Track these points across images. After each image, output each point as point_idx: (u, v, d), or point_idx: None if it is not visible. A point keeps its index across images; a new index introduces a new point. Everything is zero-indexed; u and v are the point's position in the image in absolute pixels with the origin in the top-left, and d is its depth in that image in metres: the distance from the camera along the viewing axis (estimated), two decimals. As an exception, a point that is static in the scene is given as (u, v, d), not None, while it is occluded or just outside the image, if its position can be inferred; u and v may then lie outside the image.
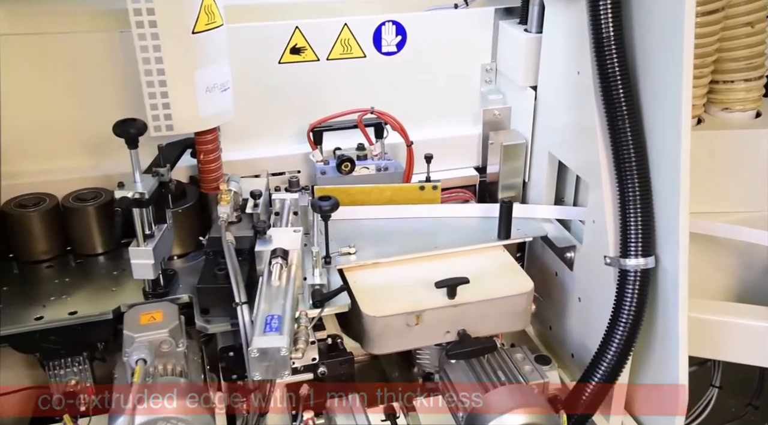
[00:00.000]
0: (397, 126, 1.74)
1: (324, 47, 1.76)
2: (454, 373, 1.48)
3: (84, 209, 1.54)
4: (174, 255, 1.58)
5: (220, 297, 1.34)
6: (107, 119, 1.69)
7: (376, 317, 1.42)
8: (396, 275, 1.57)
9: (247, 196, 1.58)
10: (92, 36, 1.58)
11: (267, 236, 1.41)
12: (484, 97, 1.95)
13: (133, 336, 1.26)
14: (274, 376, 1.18)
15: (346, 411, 1.35)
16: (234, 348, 1.37)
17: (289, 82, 1.76)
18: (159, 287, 1.42)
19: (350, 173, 1.72)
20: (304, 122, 1.79)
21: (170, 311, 1.33)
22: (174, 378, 1.27)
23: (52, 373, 1.41)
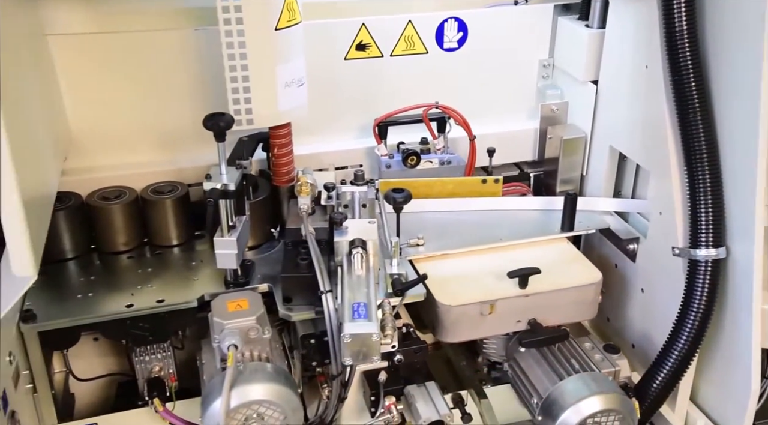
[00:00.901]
0: (460, 120, 1.78)
1: (388, 44, 1.80)
2: (525, 362, 1.51)
3: (162, 202, 1.59)
4: (247, 247, 1.63)
5: (303, 286, 1.38)
6: (179, 115, 1.76)
7: (451, 306, 1.46)
8: (464, 266, 1.61)
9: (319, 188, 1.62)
10: (167, 34, 1.63)
11: (343, 227, 1.45)
12: (540, 93, 1.98)
13: (223, 323, 1.30)
14: (365, 361, 1.22)
15: (425, 397, 1.39)
16: (314, 336, 1.42)
17: (353, 78, 1.80)
18: (240, 277, 1.46)
19: (415, 166, 1.76)
20: (366, 116, 1.84)
21: (255, 299, 1.37)
22: (261, 363, 1.31)
23: (138, 359, 1.47)
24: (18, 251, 1.00)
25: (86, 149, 1.66)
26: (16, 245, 1.00)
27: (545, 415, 1.38)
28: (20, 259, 1.00)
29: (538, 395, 1.42)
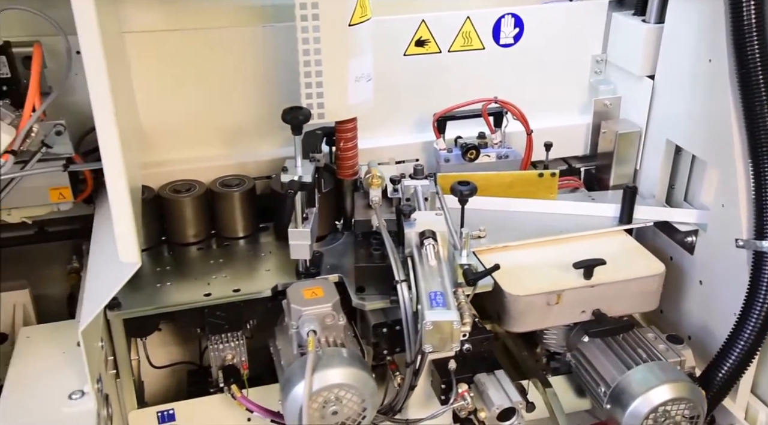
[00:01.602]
0: (518, 114, 1.80)
1: (446, 40, 1.82)
2: (589, 351, 1.54)
3: (230, 195, 1.63)
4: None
5: (376, 276, 1.42)
6: (243, 110, 1.80)
7: (519, 296, 1.48)
8: (526, 257, 1.64)
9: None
10: (236, 31, 1.67)
11: (411, 218, 1.48)
12: (592, 88, 2.00)
13: (301, 310, 1.34)
14: (443, 349, 1.25)
15: (495, 385, 1.41)
16: (386, 325, 1.45)
17: (411, 73, 1.83)
18: (311, 267, 1.50)
19: (474, 160, 1.79)
20: (422, 111, 1.87)
21: (329, 287, 1.41)
22: (338, 348, 1.35)
23: (212, 348, 1.51)
24: (125, 239, 1.04)
25: (155, 143, 1.71)
26: (124, 233, 1.04)
27: (614, 404, 1.41)
28: (127, 247, 1.05)
29: (606, 384, 1.45)
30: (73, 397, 1.18)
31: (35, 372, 1.23)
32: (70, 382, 1.21)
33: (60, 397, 1.17)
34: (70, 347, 1.32)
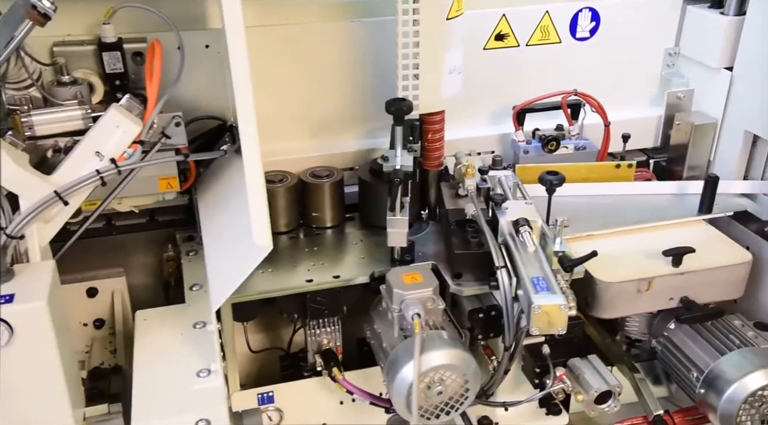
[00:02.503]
0: (597, 107, 1.83)
1: (524, 34, 1.86)
2: (678, 338, 1.56)
3: (321, 185, 1.68)
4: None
5: (474, 263, 1.46)
6: (329, 103, 1.85)
7: (611, 283, 1.52)
8: (611, 246, 1.66)
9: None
10: (325, 26, 1.72)
11: (503, 207, 1.52)
12: (664, 81, 2.03)
13: (403, 294, 1.38)
14: (550, 331, 1.28)
15: (590, 369, 1.45)
16: (482, 310, 1.49)
17: (489, 67, 1.87)
18: (406, 254, 1.55)
19: (554, 151, 1.82)
20: (499, 104, 1.91)
21: (427, 273, 1.45)
22: (439, 331, 1.39)
23: (310, 332, 1.56)
24: (259, 223, 1.09)
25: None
26: (259, 218, 1.09)
27: (709, 389, 1.43)
28: (260, 231, 1.10)
29: (698, 369, 1.47)
30: (201, 375, 1.24)
31: (160, 351, 1.30)
32: (195, 361, 1.27)
33: (189, 375, 1.24)
34: (186, 329, 1.38)
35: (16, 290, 1.12)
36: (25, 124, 1.27)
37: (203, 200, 1.53)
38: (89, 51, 1.48)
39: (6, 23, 1.17)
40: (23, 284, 1.14)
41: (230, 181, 1.48)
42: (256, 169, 1.09)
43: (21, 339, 1.11)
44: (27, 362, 1.14)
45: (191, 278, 1.53)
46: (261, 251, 1.12)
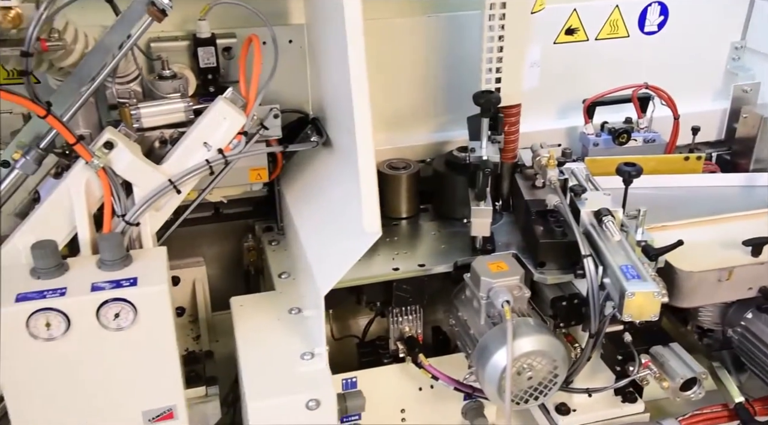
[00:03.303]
0: (668, 100, 1.86)
1: (594, 28, 1.89)
2: (756, 327, 1.58)
3: (398, 177, 1.72)
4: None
5: (558, 251, 1.49)
6: (403, 97, 1.89)
7: (692, 273, 1.54)
8: (686, 237, 1.67)
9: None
10: (401, 21, 1.76)
11: (582, 198, 1.55)
12: (729, 74, 2.04)
13: (491, 282, 1.42)
14: (643, 318, 1.31)
15: (674, 356, 1.48)
16: (564, 298, 1.52)
17: (558, 61, 1.90)
18: (487, 244, 1.58)
19: (625, 143, 1.85)
20: (566, 98, 1.94)
21: (511, 262, 1.48)
22: (526, 318, 1.42)
23: (393, 320, 1.60)
24: (370, 210, 1.14)
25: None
26: (369, 205, 1.13)
27: (792, 376, 1.46)
28: (371, 217, 1.14)
29: (781, 357, 1.50)
30: (305, 358, 1.28)
31: (261, 335, 1.35)
32: (296, 345, 1.32)
33: (293, 358, 1.28)
34: (282, 314, 1.43)
35: (137, 274, 1.17)
36: (133, 116, 1.32)
37: (290, 191, 1.57)
38: (183, 47, 1.53)
39: (124, 21, 1.22)
40: (142, 269, 1.19)
41: (318, 172, 1.52)
42: (369, 160, 1.13)
43: (143, 320, 1.16)
44: (147, 342, 1.19)
45: (278, 266, 1.58)
46: (370, 238, 1.16)
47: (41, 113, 1.16)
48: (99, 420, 1.23)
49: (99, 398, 1.21)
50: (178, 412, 1.26)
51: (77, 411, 1.21)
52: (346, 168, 1.40)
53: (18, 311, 1.09)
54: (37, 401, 1.17)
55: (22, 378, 1.14)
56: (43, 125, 1.28)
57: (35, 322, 1.10)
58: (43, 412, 1.18)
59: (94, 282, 1.15)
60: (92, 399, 1.20)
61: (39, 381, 1.15)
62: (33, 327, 1.11)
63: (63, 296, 1.11)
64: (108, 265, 1.19)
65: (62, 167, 1.32)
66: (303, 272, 1.42)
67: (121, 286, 1.15)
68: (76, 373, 1.17)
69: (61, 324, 1.12)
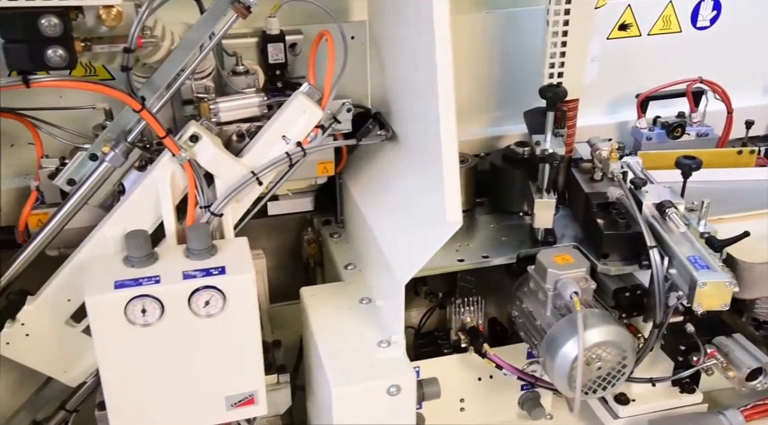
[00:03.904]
0: (722, 94, 1.87)
1: (647, 23, 1.91)
2: (816, 318, 1.60)
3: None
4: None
5: (622, 243, 1.51)
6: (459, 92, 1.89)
7: (755, 264, 1.55)
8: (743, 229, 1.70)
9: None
10: (461, 17, 1.78)
11: (642, 190, 1.57)
12: (778, 68, 2.06)
13: (558, 274, 1.44)
14: (714, 308, 1.33)
15: (738, 347, 1.50)
16: (627, 289, 1.54)
17: (610, 56, 1.91)
18: (549, 236, 1.61)
19: (679, 138, 1.87)
20: (618, 93, 1.96)
21: (576, 254, 1.51)
22: (592, 309, 1.45)
23: (455, 310, 1.63)
24: (452, 201, 1.17)
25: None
26: (452, 196, 1.17)
27: None
28: (453, 207, 1.17)
29: None
30: (382, 345, 1.32)
31: (335, 325, 1.38)
32: (371, 333, 1.35)
33: (370, 345, 1.32)
34: (353, 304, 1.46)
35: (224, 263, 1.21)
36: (212, 110, 1.36)
37: (355, 185, 1.60)
38: (252, 43, 1.57)
39: (209, 17, 1.26)
40: (228, 258, 1.23)
41: (383, 165, 1.55)
42: (453, 151, 1.16)
43: (231, 307, 1.20)
44: (233, 329, 1.22)
45: (343, 258, 1.61)
46: (452, 227, 1.19)
47: (137, 107, 1.20)
48: (184, 403, 1.27)
49: (185, 382, 1.25)
50: (259, 398, 1.30)
51: (165, 394, 1.25)
52: (415, 161, 1.43)
53: (117, 298, 1.14)
54: (129, 383, 1.22)
55: (118, 361, 1.19)
56: (129, 120, 1.33)
57: (132, 308, 1.15)
58: (134, 394, 1.23)
59: (184, 271, 1.19)
60: (179, 383, 1.24)
61: (133, 365, 1.20)
62: (130, 313, 1.15)
63: (158, 284, 1.16)
64: (195, 254, 1.23)
65: (145, 160, 1.36)
66: (373, 263, 1.46)
67: (211, 274, 1.19)
68: (167, 358, 1.21)
69: (155, 310, 1.16)
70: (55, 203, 1.43)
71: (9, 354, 1.33)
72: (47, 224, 1.33)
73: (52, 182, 1.40)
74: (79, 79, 1.25)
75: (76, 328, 1.36)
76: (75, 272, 1.30)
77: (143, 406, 1.24)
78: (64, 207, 1.31)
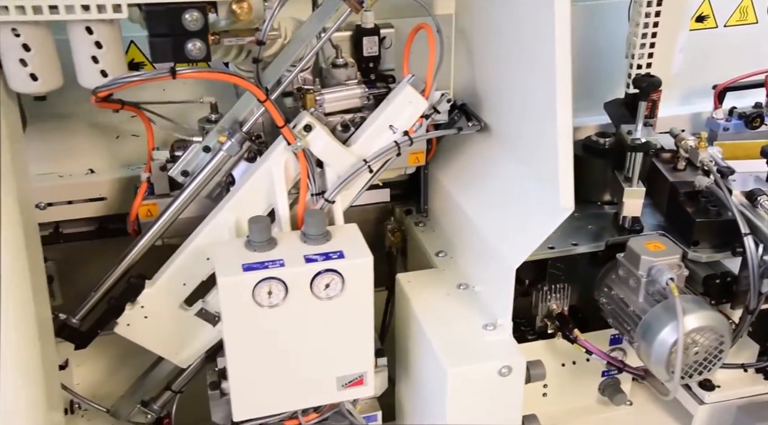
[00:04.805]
0: (801, 84, 1.88)
1: (724, 15, 1.93)
2: None
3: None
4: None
5: (713, 231, 1.54)
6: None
7: None
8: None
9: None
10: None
11: (729, 179, 1.59)
12: None
13: (653, 260, 1.47)
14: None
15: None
16: (717, 276, 1.57)
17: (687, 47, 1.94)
18: (635, 224, 1.64)
19: (758, 128, 1.88)
20: (692, 84, 1.98)
21: (666, 242, 1.53)
22: (685, 295, 1.47)
23: (541, 297, 1.67)
24: (566, 188, 1.20)
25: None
26: (566, 183, 1.20)
27: None
28: (567, 194, 1.21)
29: None
30: (488, 329, 1.36)
31: (437, 309, 1.42)
32: (474, 317, 1.39)
33: (476, 328, 1.36)
34: (451, 289, 1.51)
35: (341, 248, 1.26)
36: (318, 101, 1.40)
37: (445, 175, 1.64)
38: (345, 37, 1.61)
39: (322, 12, 1.30)
40: (343, 243, 1.28)
41: (473, 155, 1.59)
42: (568, 141, 1.20)
43: (349, 290, 1.24)
44: (349, 311, 1.27)
45: (432, 246, 1.65)
46: (564, 212, 1.23)
47: (262, 97, 1.25)
48: (299, 383, 1.32)
49: (302, 363, 1.30)
50: (368, 379, 1.34)
51: (283, 375, 1.30)
52: (514, 151, 1.46)
53: (246, 280, 1.19)
54: (253, 362, 1.27)
55: (243, 341, 1.24)
56: (242, 112, 1.38)
57: (259, 290, 1.20)
58: (256, 373, 1.28)
59: (305, 254, 1.23)
60: (297, 363, 1.29)
61: (257, 345, 1.25)
62: (257, 295, 1.20)
63: (283, 267, 1.20)
64: (312, 239, 1.27)
65: (253, 151, 1.41)
66: (473, 250, 1.49)
67: (330, 258, 1.23)
68: (287, 339, 1.26)
69: (280, 292, 1.21)
70: (162, 194, 1.50)
71: (127, 335, 1.40)
72: (164, 212, 1.39)
73: (162, 173, 1.47)
74: (217, 71, 1.31)
75: (189, 312, 1.42)
76: (192, 258, 1.36)
77: (263, 385, 1.30)
78: (181, 197, 1.37)
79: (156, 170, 1.46)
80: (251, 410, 1.33)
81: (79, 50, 1.10)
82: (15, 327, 1.01)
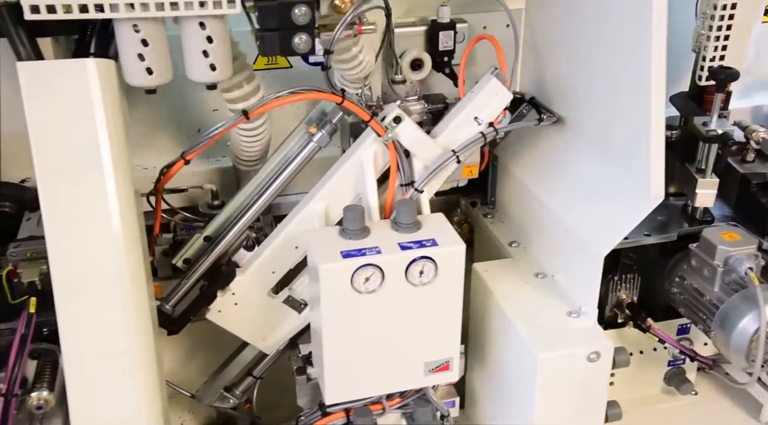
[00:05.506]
0: None
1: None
2: None
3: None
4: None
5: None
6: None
7: None
8: None
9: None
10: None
11: (793, 173, 1.62)
12: None
13: (730, 250, 1.49)
14: None
15: None
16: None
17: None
18: (706, 215, 1.65)
19: (826, 122, 1.90)
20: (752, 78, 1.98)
21: (741, 232, 1.55)
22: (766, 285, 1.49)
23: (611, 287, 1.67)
24: (657, 178, 1.23)
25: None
26: (657, 173, 1.23)
27: None
28: (657, 183, 1.23)
29: None
30: (572, 316, 1.39)
31: (519, 297, 1.46)
32: (557, 305, 1.43)
33: (560, 315, 1.39)
34: (529, 278, 1.54)
35: (433, 236, 1.29)
36: (396, 94, 1.45)
37: (518, 167, 1.67)
38: (420, 32, 1.64)
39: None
40: (434, 231, 1.31)
41: (545, 147, 1.61)
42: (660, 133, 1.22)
43: (441, 277, 1.28)
44: (441, 298, 1.31)
45: (504, 236, 1.68)
46: (654, 201, 1.25)
47: (338, 101, 1.30)
48: (390, 368, 1.35)
49: (394, 348, 1.33)
50: (453, 365, 1.38)
51: (376, 360, 1.34)
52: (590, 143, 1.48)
53: (346, 267, 1.22)
54: (348, 348, 1.31)
55: (340, 326, 1.28)
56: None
57: (357, 277, 1.23)
58: (350, 358, 1.32)
59: (399, 242, 1.27)
60: (389, 349, 1.33)
61: (353, 331, 1.29)
62: (355, 281, 1.24)
63: (380, 254, 1.24)
64: (404, 227, 1.31)
65: (251, 240, 1.45)
66: (551, 240, 1.52)
67: (424, 246, 1.27)
68: (382, 325, 1.30)
69: (377, 279, 1.24)
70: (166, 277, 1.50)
71: (218, 321, 1.44)
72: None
73: (165, 258, 1.49)
74: (289, 95, 1.29)
75: (276, 299, 1.46)
76: (282, 247, 1.40)
77: (355, 370, 1.34)
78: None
79: (159, 256, 1.50)
80: (343, 394, 1.37)
81: (190, 45, 1.13)
82: (138, 318, 1.07)
